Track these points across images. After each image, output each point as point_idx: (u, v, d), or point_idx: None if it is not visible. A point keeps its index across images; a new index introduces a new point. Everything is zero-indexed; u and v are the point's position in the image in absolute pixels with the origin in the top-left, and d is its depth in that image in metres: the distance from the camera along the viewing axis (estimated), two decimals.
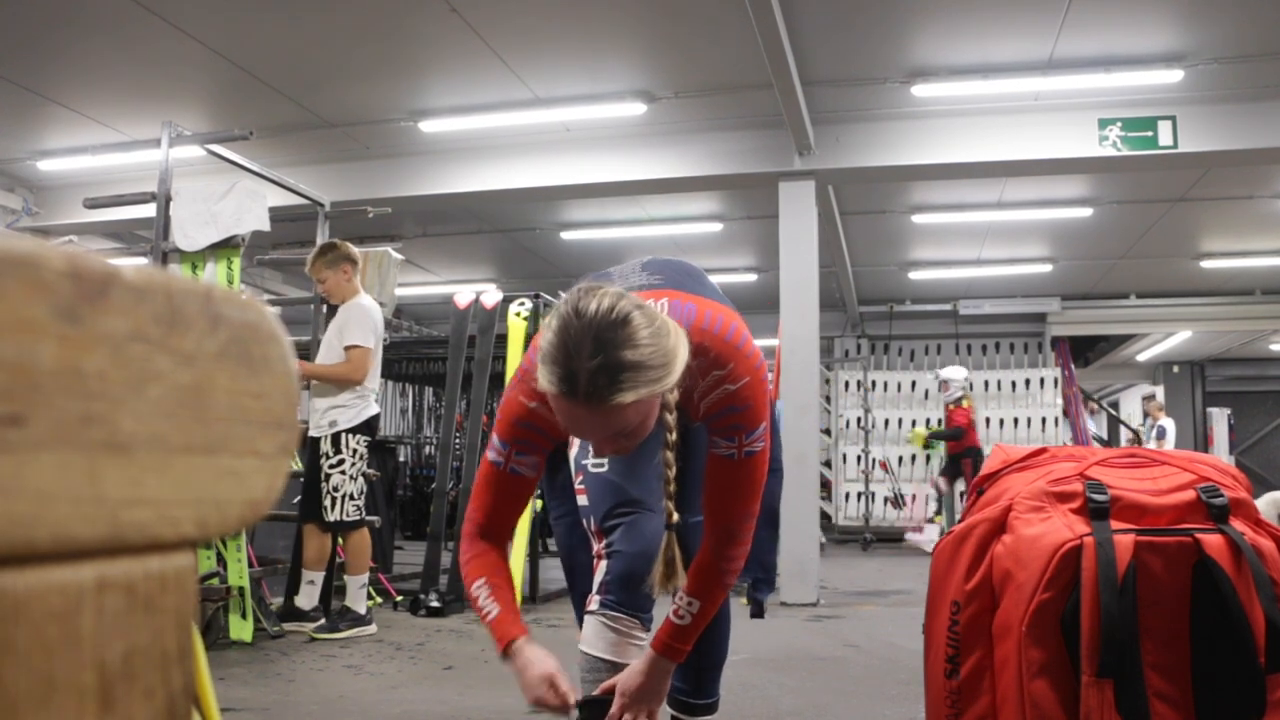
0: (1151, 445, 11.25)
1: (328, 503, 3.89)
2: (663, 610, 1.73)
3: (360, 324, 3.93)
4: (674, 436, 1.47)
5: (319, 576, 4.06)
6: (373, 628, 4.01)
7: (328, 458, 3.91)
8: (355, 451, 3.93)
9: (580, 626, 1.87)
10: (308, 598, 4.04)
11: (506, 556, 1.64)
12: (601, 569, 1.69)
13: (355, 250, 4.13)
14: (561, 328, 1.31)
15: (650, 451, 1.79)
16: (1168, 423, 11.78)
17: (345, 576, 4.05)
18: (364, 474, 4.00)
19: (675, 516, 1.49)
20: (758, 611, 1.89)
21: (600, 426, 1.34)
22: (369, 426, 4.02)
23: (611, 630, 1.67)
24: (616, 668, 1.66)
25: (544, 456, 1.60)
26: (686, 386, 1.46)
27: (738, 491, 1.55)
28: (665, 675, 1.59)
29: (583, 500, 1.76)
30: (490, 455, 1.59)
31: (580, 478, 1.76)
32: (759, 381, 1.54)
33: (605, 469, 1.73)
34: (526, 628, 1.57)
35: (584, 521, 1.76)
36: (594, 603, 1.69)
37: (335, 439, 3.91)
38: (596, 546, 1.72)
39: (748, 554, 1.62)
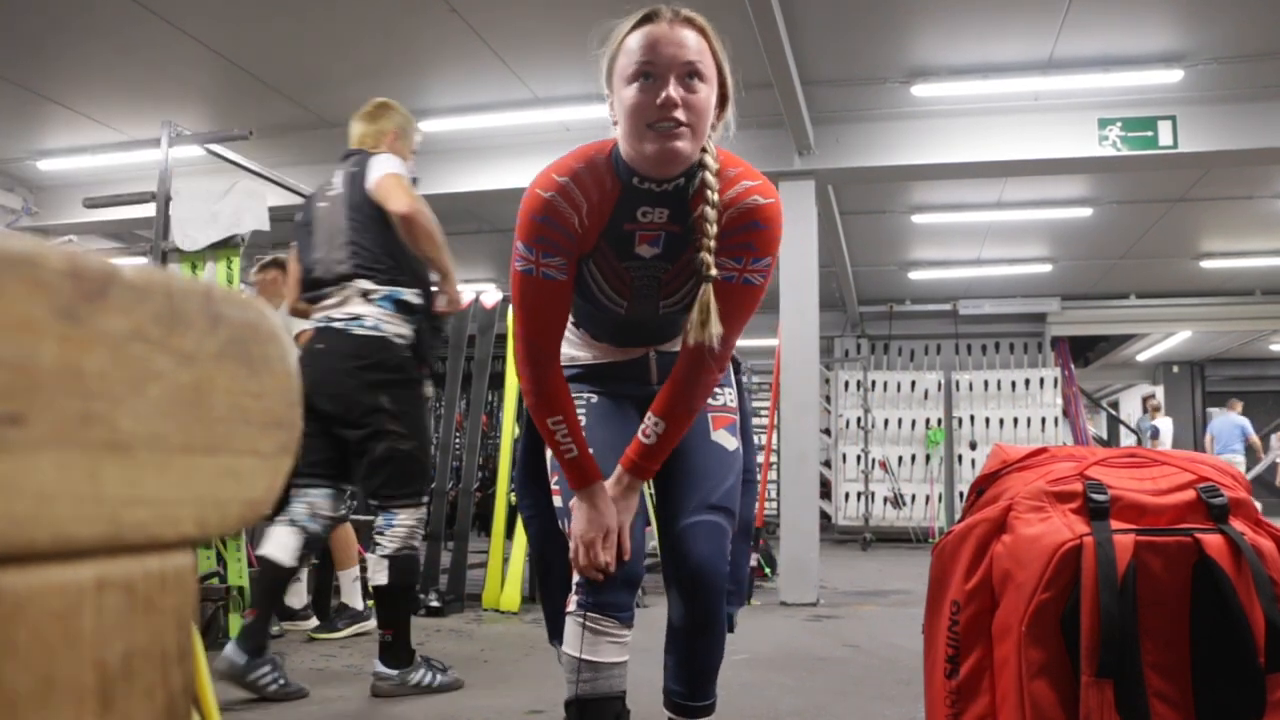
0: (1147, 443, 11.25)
1: None
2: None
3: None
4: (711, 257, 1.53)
5: (303, 572, 4.04)
6: (372, 622, 3.95)
7: None
8: None
9: (548, 629, 1.88)
10: (295, 595, 4.03)
11: (563, 379, 1.67)
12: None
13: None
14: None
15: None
16: (1162, 422, 11.75)
17: (336, 572, 4.03)
18: None
19: (713, 270, 1.53)
20: (728, 626, 1.88)
21: (680, 42, 1.49)
22: None
23: (589, 630, 1.67)
24: (597, 667, 1.66)
25: (571, 260, 1.60)
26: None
27: (724, 317, 1.57)
28: (635, 489, 1.68)
29: (558, 501, 1.75)
30: (517, 264, 1.59)
31: (556, 478, 1.75)
32: (780, 216, 1.59)
33: None
34: (601, 475, 1.64)
35: (560, 522, 1.76)
36: (572, 603, 1.69)
37: None
38: (572, 548, 1.71)
39: (718, 381, 1.69)
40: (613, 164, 1.59)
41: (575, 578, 1.70)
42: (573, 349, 1.85)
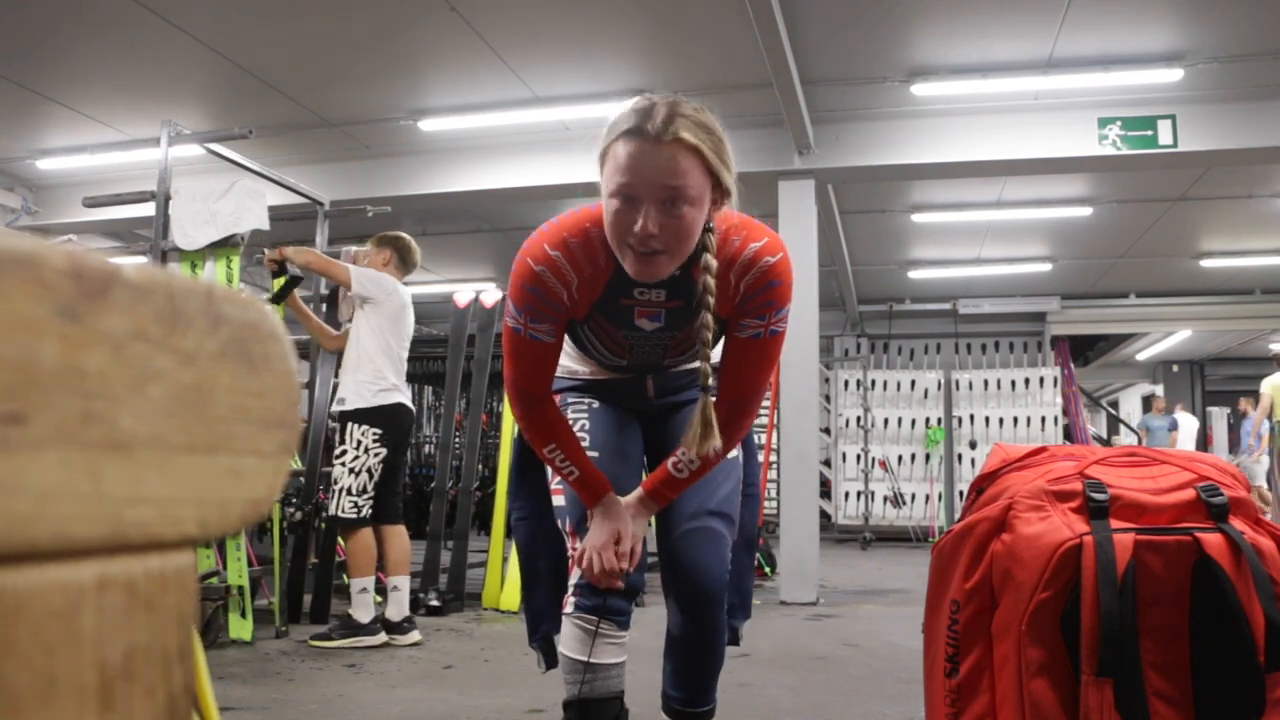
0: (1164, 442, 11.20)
1: (330, 495, 3.80)
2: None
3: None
4: (711, 325, 1.55)
5: (369, 582, 3.78)
6: (377, 639, 3.72)
7: (334, 446, 3.85)
8: (359, 444, 3.72)
9: (529, 631, 1.88)
10: (363, 608, 3.75)
11: (557, 410, 1.69)
12: (576, 570, 1.69)
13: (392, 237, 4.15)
14: (646, 97, 1.48)
15: (630, 455, 1.80)
16: (1181, 417, 11.76)
17: (349, 579, 3.85)
18: (369, 469, 3.75)
19: (711, 380, 1.57)
20: (733, 639, 1.88)
21: (664, 170, 1.42)
22: (378, 415, 3.76)
23: (585, 631, 1.67)
24: (596, 669, 1.66)
25: (560, 326, 1.62)
26: (725, 259, 1.54)
27: (756, 368, 1.62)
28: (651, 511, 1.69)
29: (559, 501, 1.75)
30: (508, 320, 1.62)
31: (556, 479, 1.75)
32: (789, 263, 1.61)
33: None
34: (610, 485, 1.65)
35: (559, 522, 1.76)
36: (569, 604, 1.69)
37: (342, 425, 3.79)
38: (570, 546, 1.72)
39: (751, 424, 1.72)
40: (608, 240, 1.55)
41: (572, 579, 1.69)
42: (571, 361, 1.85)
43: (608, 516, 1.62)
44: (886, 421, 9.98)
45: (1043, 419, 9.74)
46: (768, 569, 5.91)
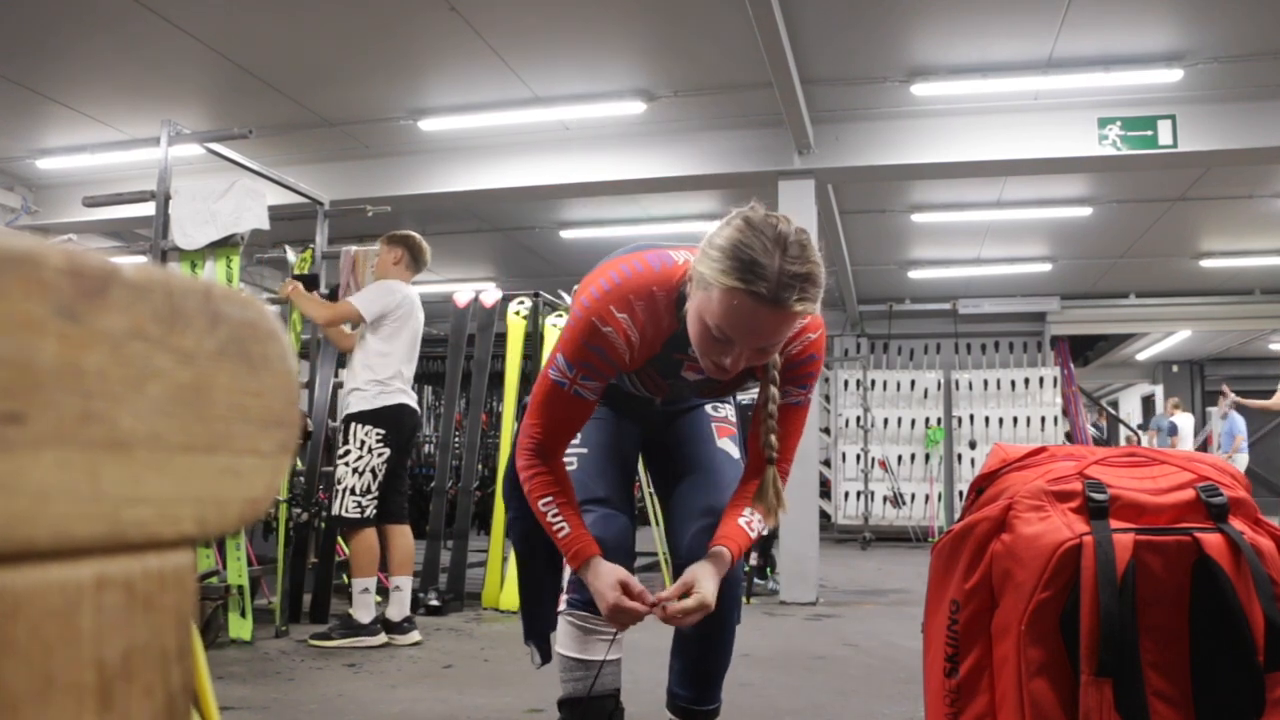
0: (1165, 442, 11.17)
1: (333, 495, 3.81)
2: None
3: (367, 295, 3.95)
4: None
5: (371, 583, 3.79)
6: (377, 639, 3.73)
7: (338, 447, 3.85)
8: (363, 444, 3.75)
9: (524, 628, 1.90)
10: (364, 608, 3.77)
11: (564, 469, 1.66)
12: (570, 569, 1.69)
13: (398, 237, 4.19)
14: (754, 230, 1.38)
15: (621, 453, 1.81)
16: (1180, 418, 11.72)
17: (350, 579, 3.86)
18: (373, 469, 3.77)
19: (775, 457, 1.62)
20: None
21: (769, 332, 1.41)
22: (382, 416, 3.79)
23: (579, 629, 1.67)
24: (589, 665, 1.66)
25: (605, 384, 1.61)
26: None
27: (796, 432, 1.67)
28: (724, 569, 1.62)
29: None
30: (552, 374, 1.59)
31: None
32: (825, 334, 1.67)
33: (574, 466, 1.74)
34: (598, 546, 1.60)
35: None
36: (563, 602, 1.70)
37: (346, 426, 3.81)
38: None
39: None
40: (675, 305, 1.56)
41: (565, 576, 1.70)
42: None
43: (599, 577, 1.56)
44: (886, 421, 9.98)
45: (1043, 419, 9.74)
46: (767, 569, 5.91)
